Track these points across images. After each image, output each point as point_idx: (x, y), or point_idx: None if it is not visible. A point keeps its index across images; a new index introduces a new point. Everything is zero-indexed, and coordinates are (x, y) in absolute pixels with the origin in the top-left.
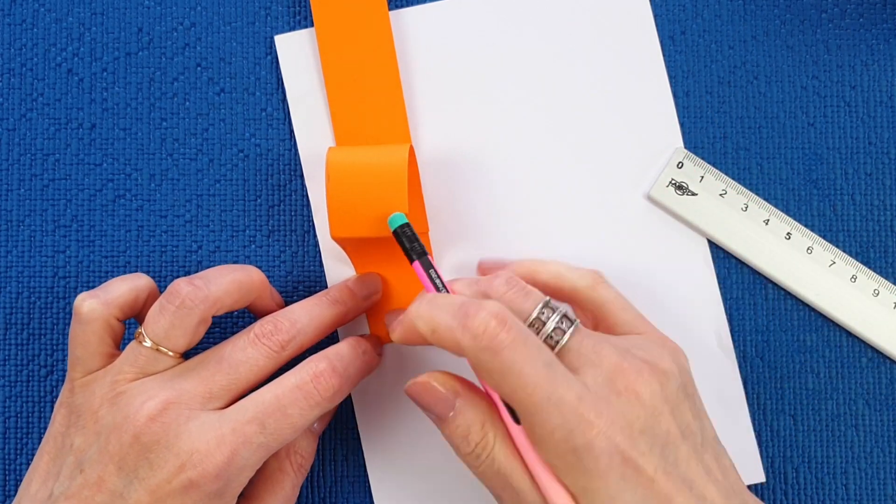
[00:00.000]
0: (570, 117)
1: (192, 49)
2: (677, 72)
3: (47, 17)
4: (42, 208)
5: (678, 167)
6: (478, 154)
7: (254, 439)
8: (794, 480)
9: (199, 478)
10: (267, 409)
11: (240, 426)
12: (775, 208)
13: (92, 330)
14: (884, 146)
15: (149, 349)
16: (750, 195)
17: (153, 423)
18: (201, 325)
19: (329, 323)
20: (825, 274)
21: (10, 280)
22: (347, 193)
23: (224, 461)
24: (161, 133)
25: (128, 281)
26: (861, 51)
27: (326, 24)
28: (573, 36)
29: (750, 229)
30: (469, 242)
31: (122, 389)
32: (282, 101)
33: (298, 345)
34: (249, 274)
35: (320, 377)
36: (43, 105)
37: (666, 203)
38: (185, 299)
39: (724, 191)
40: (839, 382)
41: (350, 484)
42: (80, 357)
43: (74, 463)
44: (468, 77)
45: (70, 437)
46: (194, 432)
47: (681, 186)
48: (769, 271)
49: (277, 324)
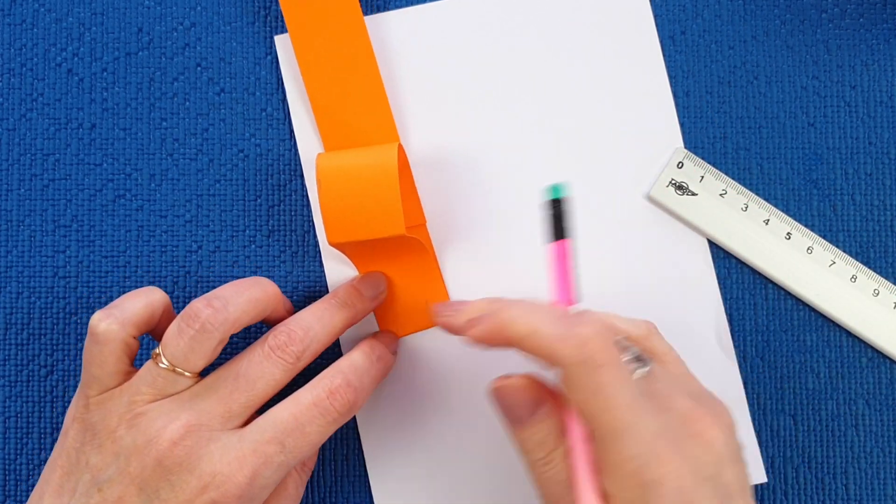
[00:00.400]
0: (570, 118)
1: (192, 49)
2: (677, 72)
3: (47, 17)
4: (42, 208)
5: (678, 167)
6: (476, 153)
7: (274, 459)
8: (794, 480)
9: (221, 498)
10: (286, 429)
11: (260, 447)
12: (775, 208)
13: (109, 350)
14: (884, 146)
15: (166, 370)
16: (750, 195)
17: (176, 448)
18: (220, 345)
19: (340, 327)
20: (825, 274)
21: (10, 280)
22: (340, 198)
23: (246, 482)
24: (161, 133)
25: (142, 296)
26: (861, 51)
27: (300, 30)
28: (573, 36)
29: (750, 229)
30: (468, 241)
31: (140, 411)
32: (282, 101)
33: (313, 352)
34: (265, 289)
35: (336, 393)
36: (43, 105)
37: (666, 203)
38: (204, 323)
39: (725, 191)
40: (839, 382)
41: (350, 484)
42: (96, 376)
43: (91, 481)
44: (468, 77)
45: (86, 455)
46: (216, 454)
47: (681, 186)
48: (769, 271)
49: (291, 334)
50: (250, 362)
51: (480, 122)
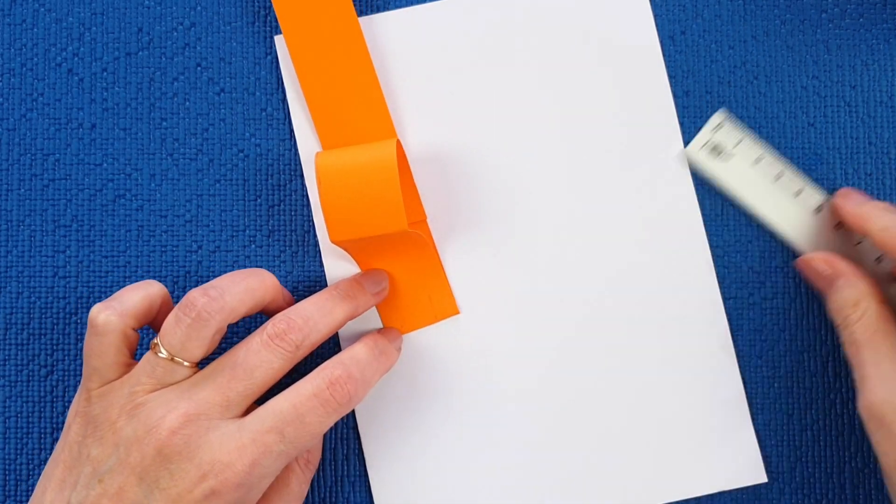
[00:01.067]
0: (570, 117)
1: (192, 49)
2: (677, 72)
3: (47, 17)
4: (42, 208)
5: (716, 129)
6: (476, 150)
7: (274, 448)
8: (794, 480)
9: (220, 486)
10: (286, 419)
11: (259, 436)
12: (811, 180)
13: (109, 342)
14: (884, 146)
15: (165, 360)
16: (786, 164)
17: (175, 436)
18: (217, 334)
19: (341, 319)
20: (850, 252)
21: (10, 280)
22: (341, 196)
23: (245, 470)
24: (161, 133)
25: (141, 289)
26: (861, 51)
27: (295, 32)
28: (572, 36)
29: (781, 199)
30: (469, 236)
31: (140, 401)
32: (282, 101)
33: (312, 342)
34: (262, 279)
35: (336, 384)
36: (43, 105)
37: (699, 163)
38: (200, 311)
39: (761, 157)
40: (839, 382)
41: (350, 484)
42: (96, 368)
43: (92, 473)
44: (468, 76)
45: (87, 448)
46: (215, 443)
47: (716, 148)
48: (795, 241)
49: (290, 322)
50: (248, 351)
51: (480, 120)
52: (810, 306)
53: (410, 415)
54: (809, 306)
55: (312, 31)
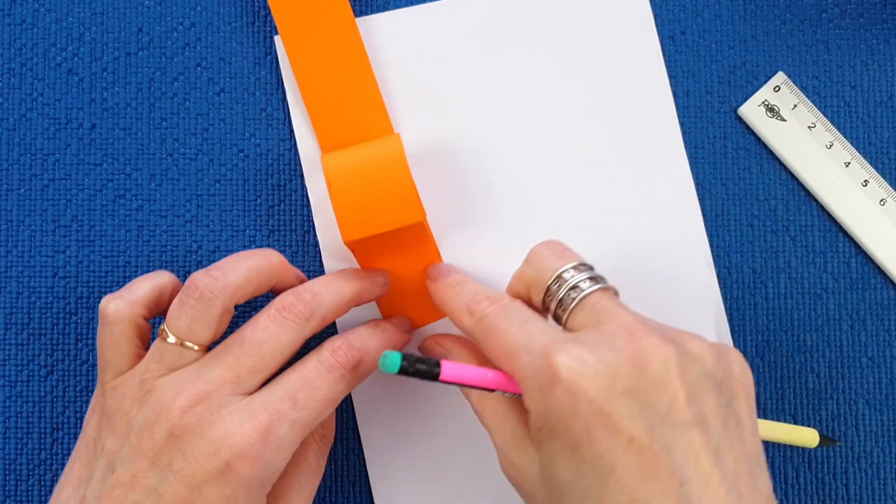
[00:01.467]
0: (570, 117)
1: (192, 49)
2: (677, 72)
3: (47, 17)
4: (42, 208)
5: (775, 90)
6: (474, 149)
7: (288, 415)
8: (794, 480)
9: (234, 459)
10: (295, 386)
11: (272, 404)
12: (858, 153)
13: (120, 331)
14: (884, 146)
15: (173, 345)
16: (837, 135)
17: (186, 416)
18: (224, 315)
19: (350, 297)
20: (894, 229)
21: (10, 280)
22: (352, 195)
23: (260, 439)
24: (161, 133)
25: (150, 279)
26: (861, 51)
27: (292, 33)
28: (572, 36)
29: (829, 167)
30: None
31: (150, 387)
32: (282, 101)
33: (321, 316)
34: (268, 258)
35: (338, 350)
36: (43, 105)
37: (754, 122)
38: (203, 291)
39: (814, 124)
40: (839, 382)
41: (350, 484)
42: (109, 359)
43: (106, 465)
44: (468, 75)
45: (101, 441)
46: (227, 418)
47: (772, 109)
48: (838, 214)
49: (298, 295)
50: (256, 327)
51: (479, 121)
52: (810, 306)
53: (410, 415)
54: (810, 306)
55: (309, 33)
